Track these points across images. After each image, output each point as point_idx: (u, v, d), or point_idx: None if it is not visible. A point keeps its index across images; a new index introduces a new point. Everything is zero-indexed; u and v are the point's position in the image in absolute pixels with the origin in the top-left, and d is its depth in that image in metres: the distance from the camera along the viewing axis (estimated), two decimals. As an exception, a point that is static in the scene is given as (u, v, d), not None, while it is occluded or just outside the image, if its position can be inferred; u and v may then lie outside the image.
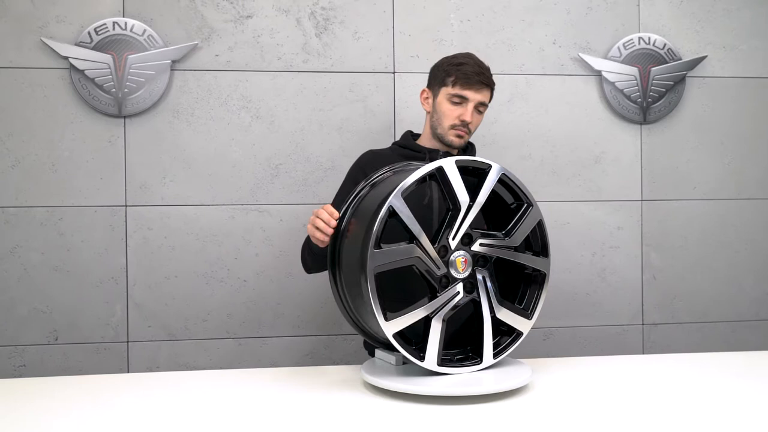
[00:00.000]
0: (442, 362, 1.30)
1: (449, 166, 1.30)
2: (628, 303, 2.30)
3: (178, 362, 2.12)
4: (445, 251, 1.31)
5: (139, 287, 2.10)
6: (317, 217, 1.43)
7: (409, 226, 1.27)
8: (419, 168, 1.33)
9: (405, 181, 1.27)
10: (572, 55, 2.26)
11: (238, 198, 2.14)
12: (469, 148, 1.79)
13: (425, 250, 1.28)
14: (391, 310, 1.26)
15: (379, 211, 1.25)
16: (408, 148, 1.73)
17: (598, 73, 2.27)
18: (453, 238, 1.30)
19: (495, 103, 2.23)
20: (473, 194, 1.34)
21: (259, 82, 2.14)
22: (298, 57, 2.16)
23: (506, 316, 1.37)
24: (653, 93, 2.27)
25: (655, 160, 2.31)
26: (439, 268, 1.29)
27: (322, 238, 1.42)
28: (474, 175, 1.38)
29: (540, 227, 1.42)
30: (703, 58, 2.30)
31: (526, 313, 1.40)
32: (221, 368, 2.11)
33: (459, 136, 1.65)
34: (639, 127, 2.30)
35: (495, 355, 1.36)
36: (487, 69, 1.66)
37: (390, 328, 1.25)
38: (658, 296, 2.32)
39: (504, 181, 1.39)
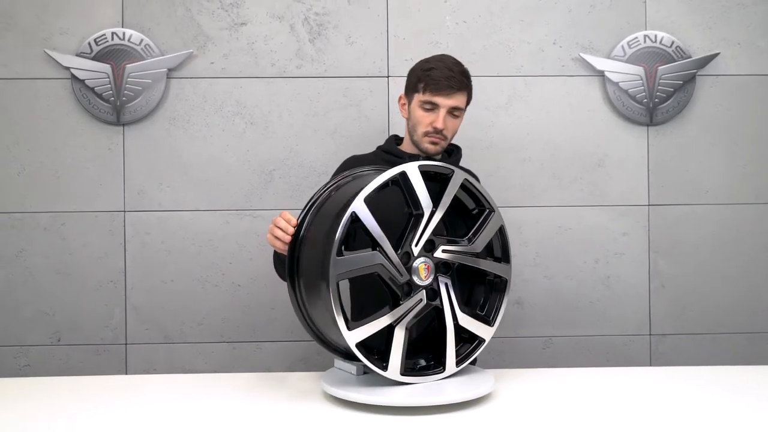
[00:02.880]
0: (405, 372, 1.28)
1: (412, 171, 1.28)
2: (635, 312, 2.21)
3: (174, 365, 2.16)
4: (408, 258, 1.28)
5: (137, 291, 2.15)
6: (275, 225, 1.41)
7: (372, 233, 1.24)
8: (380, 173, 1.30)
9: (368, 186, 1.24)
10: (573, 56, 2.19)
11: (233, 203, 2.16)
12: (454, 152, 1.75)
13: (388, 257, 1.25)
14: (365, 316, 1.25)
15: (341, 217, 1.22)
16: (390, 153, 1.71)
17: (600, 74, 2.19)
18: (416, 245, 1.27)
19: (492, 106, 2.19)
20: (436, 200, 1.31)
21: (254, 88, 2.16)
22: (292, 63, 2.17)
23: (469, 323, 1.34)
24: (660, 93, 2.18)
25: (664, 163, 2.21)
26: (402, 276, 1.26)
27: (281, 247, 1.41)
28: (437, 181, 1.35)
29: (501, 233, 1.39)
30: (716, 55, 2.19)
31: (488, 320, 1.37)
32: (216, 371, 2.14)
33: (433, 143, 1.61)
34: (645, 128, 2.21)
35: (457, 363, 1.33)
36: (460, 72, 1.61)
37: (352, 337, 1.23)
38: (666, 305, 2.21)
39: (466, 186, 1.35)
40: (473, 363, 1.73)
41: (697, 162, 2.21)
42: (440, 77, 1.56)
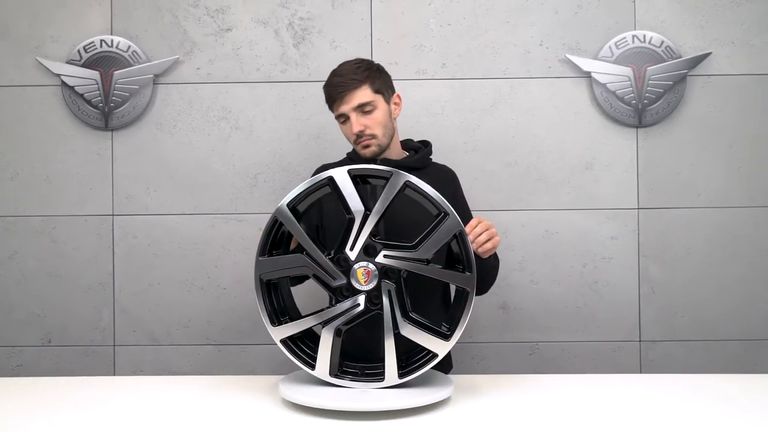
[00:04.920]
0: (344, 375, 1.28)
1: (340, 175, 1.28)
2: (624, 318, 2.16)
3: (161, 367, 2.19)
4: (346, 262, 1.28)
5: (125, 293, 2.18)
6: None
7: (296, 237, 1.27)
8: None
9: (291, 192, 1.29)
10: (560, 57, 2.16)
11: (218, 207, 2.18)
12: (421, 149, 1.72)
13: (315, 260, 1.26)
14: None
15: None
16: (354, 160, 1.70)
17: (587, 75, 2.15)
18: (351, 249, 1.27)
19: (477, 109, 2.17)
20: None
21: (239, 93, 2.18)
22: (276, 67, 2.18)
23: (414, 334, 1.28)
24: (649, 94, 2.13)
25: (654, 166, 2.16)
26: (335, 279, 1.27)
27: None
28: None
29: (462, 239, 1.29)
30: (707, 55, 2.13)
31: (443, 333, 1.29)
32: (202, 374, 2.15)
33: (365, 147, 1.60)
34: (634, 130, 2.16)
35: (403, 375, 1.28)
36: (351, 70, 1.57)
37: (277, 333, 1.29)
38: (657, 311, 2.16)
39: (416, 189, 1.31)
40: (446, 368, 1.72)
41: (688, 164, 2.16)
42: (330, 90, 1.58)
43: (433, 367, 1.44)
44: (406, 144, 1.74)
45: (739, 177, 2.16)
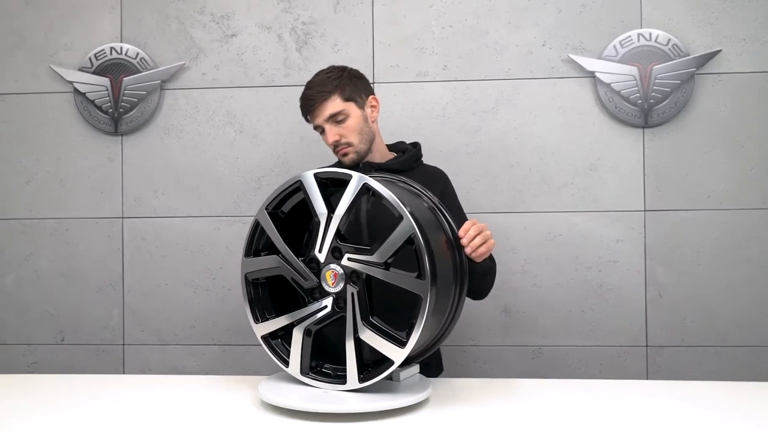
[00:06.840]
0: (315, 374, 1.30)
1: (307, 179, 1.29)
2: (630, 322, 2.12)
3: (168, 366, 2.24)
4: (316, 264, 1.29)
5: (134, 294, 2.24)
6: None
7: (272, 239, 1.31)
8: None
9: (269, 196, 1.32)
10: (563, 57, 2.13)
11: (223, 210, 2.22)
12: (409, 150, 1.71)
13: (288, 262, 1.28)
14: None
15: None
16: (343, 165, 1.71)
17: (591, 75, 2.12)
18: (320, 251, 1.28)
19: (479, 110, 2.16)
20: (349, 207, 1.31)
21: (243, 97, 2.22)
22: (280, 72, 2.21)
23: (371, 338, 1.24)
24: (656, 93, 2.08)
25: (661, 167, 2.11)
26: (306, 280, 1.28)
27: None
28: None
29: (415, 244, 1.20)
30: (717, 52, 2.08)
31: (400, 340, 1.23)
32: (207, 373, 2.20)
33: (344, 155, 1.61)
34: (641, 130, 2.12)
35: (363, 379, 1.25)
36: (319, 82, 1.58)
37: (258, 330, 1.36)
38: (664, 316, 2.11)
39: (375, 191, 1.25)
40: (436, 371, 1.71)
41: (697, 165, 2.11)
42: (302, 103, 1.60)
43: (420, 371, 1.44)
44: (397, 146, 1.74)
45: (751, 178, 2.09)
